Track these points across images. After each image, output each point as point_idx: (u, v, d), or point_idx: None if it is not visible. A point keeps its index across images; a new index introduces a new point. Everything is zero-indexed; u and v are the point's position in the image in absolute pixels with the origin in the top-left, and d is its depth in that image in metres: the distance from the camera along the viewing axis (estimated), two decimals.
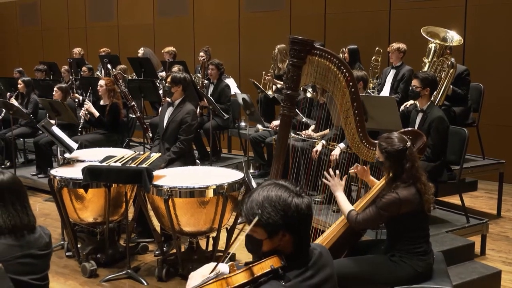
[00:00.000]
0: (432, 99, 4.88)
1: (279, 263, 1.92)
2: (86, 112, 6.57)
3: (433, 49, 5.79)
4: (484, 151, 6.12)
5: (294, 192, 1.96)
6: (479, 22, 7.24)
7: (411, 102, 5.29)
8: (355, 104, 3.49)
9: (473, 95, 6.09)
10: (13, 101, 7.68)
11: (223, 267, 2.03)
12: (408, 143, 3.21)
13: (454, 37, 5.89)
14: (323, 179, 3.57)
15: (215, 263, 2.06)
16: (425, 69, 5.75)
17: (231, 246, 4.40)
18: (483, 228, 4.84)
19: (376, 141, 3.55)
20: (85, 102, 6.68)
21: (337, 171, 3.54)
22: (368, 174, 3.67)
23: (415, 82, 4.63)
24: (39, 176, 7.16)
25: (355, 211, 3.33)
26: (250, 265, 1.94)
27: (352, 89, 3.45)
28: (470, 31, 7.19)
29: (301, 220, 1.95)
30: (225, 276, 1.95)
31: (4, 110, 7.47)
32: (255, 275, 1.92)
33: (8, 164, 7.57)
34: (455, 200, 5.50)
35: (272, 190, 1.95)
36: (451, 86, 5.65)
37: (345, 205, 3.39)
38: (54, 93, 7.19)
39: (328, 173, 3.53)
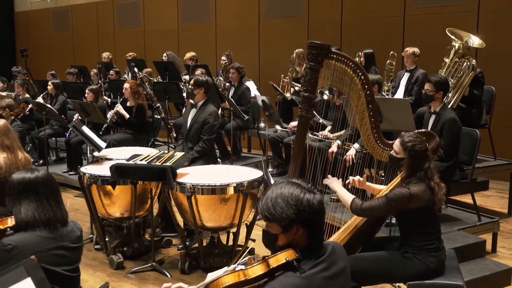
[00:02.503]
0: (449, 99, 4.82)
1: (293, 256, 1.94)
2: (114, 114, 6.65)
3: (456, 47, 5.67)
4: (496, 152, 6.04)
5: (306, 189, 1.98)
6: (491, 27, 7.15)
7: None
8: (370, 106, 3.47)
9: (485, 97, 6.02)
10: (40, 99, 7.82)
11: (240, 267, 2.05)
12: (427, 144, 3.21)
13: (475, 41, 5.79)
14: (323, 180, 3.52)
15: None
16: (445, 69, 5.66)
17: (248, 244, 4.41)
18: (494, 226, 4.78)
19: (390, 142, 3.53)
20: (116, 105, 6.76)
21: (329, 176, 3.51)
22: (365, 183, 3.63)
23: (428, 86, 4.59)
24: (70, 173, 7.26)
25: (358, 199, 3.28)
26: (266, 258, 1.96)
27: (368, 92, 3.43)
28: (482, 35, 7.08)
29: (314, 214, 1.96)
30: (242, 268, 1.96)
31: (31, 104, 7.59)
32: (271, 267, 1.94)
33: (41, 162, 7.67)
34: (467, 199, 5.43)
35: (285, 187, 1.98)
36: (469, 87, 5.58)
37: (346, 196, 3.32)
38: (86, 95, 7.28)
39: (342, 173, 3.50)
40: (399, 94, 6.43)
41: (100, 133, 6.46)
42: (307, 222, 1.96)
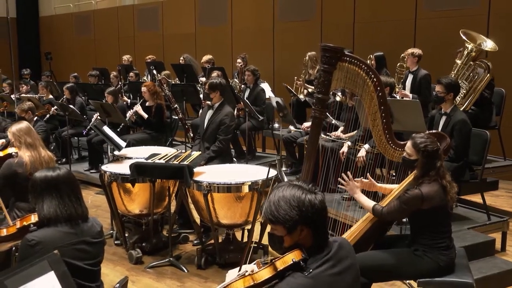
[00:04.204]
0: (463, 101, 4.74)
1: (300, 256, 1.92)
2: (133, 114, 6.69)
3: (469, 49, 5.56)
4: (505, 152, 5.96)
5: (307, 190, 1.96)
6: (501, 30, 7.05)
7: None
8: (382, 107, 3.44)
9: (496, 99, 5.95)
10: None
11: (249, 267, 2.04)
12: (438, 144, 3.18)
13: (489, 44, 5.69)
14: (339, 185, 3.50)
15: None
16: (456, 70, 5.58)
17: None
18: (504, 226, 4.72)
19: (402, 142, 3.50)
20: (135, 106, 6.80)
21: (349, 173, 3.47)
22: (375, 185, 3.58)
23: (439, 88, 4.53)
24: (91, 171, 7.31)
25: (378, 205, 3.29)
26: (274, 261, 1.95)
27: (380, 94, 3.41)
28: (492, 39, 6.99)
29: (316, 214, 1.94)
30: (250, 273, 1.95)
31: (54, 105, 7.68)
32: (279, 269, 1.92)
33: (64, 160, 7.74)
34: (476, 198, 5.35)
35: (286, 190, 1.97)
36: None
37: (367, 203, 3.35)
38: (106, 97, 7.33)
39: (347, 175, 3.47)
40: None
41: (118, 130, 6.49)
42: (311, 222, 1.94)
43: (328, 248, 1.99)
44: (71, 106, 7.32)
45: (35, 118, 6.39)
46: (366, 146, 4.65)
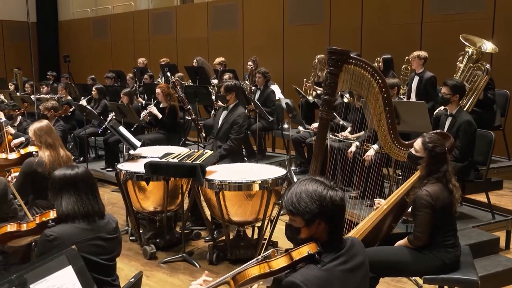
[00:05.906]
0: (464, 102, 4.72)
1: (315, 249, 1.93)
2: (147, 114, 6.72)
3: (470, 53, 5.57)
4: (510, 153, 5.91)
5: (329, 186, 1.98)
6: (505, 33, 6.99)
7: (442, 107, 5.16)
8: (387, 108, 3.43)
9: (500, 101, 5.90)
10: (83, 101, 7.97)
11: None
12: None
13: (488, 47, 5.68)
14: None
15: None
16: (459, 73, 5.57)
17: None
18: (508, 224, 4.68)
19: (407, 142, 3.49)
20: (149, 106, 6.83)
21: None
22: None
23: (445, 90, 4.51)
24: (107, 170, 7.35)
25: (409, 236, 3.19)
26: (290, 251, 1.96)
27: (385, 95, 3.40)
28: (497, 42, 6.92)
29: (335, 210, 1.96)
30: (267, 260, 1.96)
31: (72, 105, 7.76)
32: (294, 259, 1.94)
33: (81, 159, 7.80)
34: (481, 197, 5.32)
35: (309, 184, 1.98)
36: (483, 91, 5.48)
37: (403, 242, 3.23)
38: (121, 98, 7.38)
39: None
40: (412, 97, 6.33)
41: (132, 129, 6.52)
42: (329, 217, 1.95)
43: (342, 244, 2.00)
44: (89, 107, 7.38)
45: (55, 118, 6.46)
46: (375, 146, 4.63)
